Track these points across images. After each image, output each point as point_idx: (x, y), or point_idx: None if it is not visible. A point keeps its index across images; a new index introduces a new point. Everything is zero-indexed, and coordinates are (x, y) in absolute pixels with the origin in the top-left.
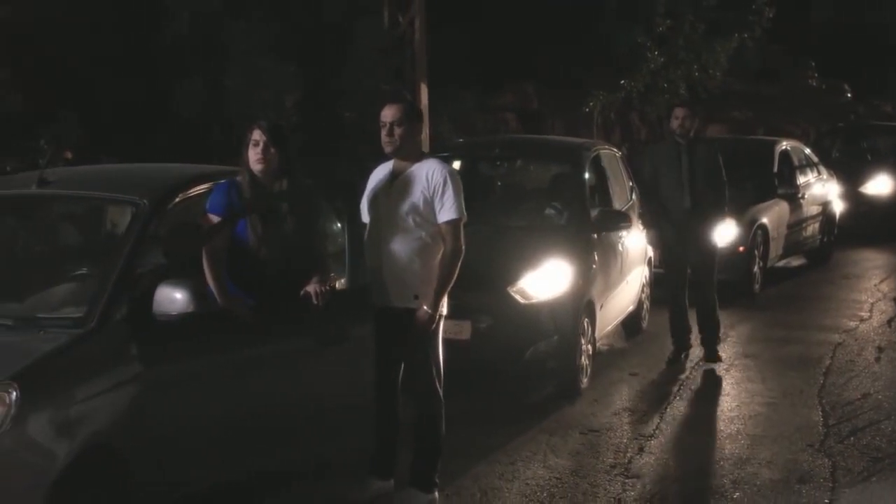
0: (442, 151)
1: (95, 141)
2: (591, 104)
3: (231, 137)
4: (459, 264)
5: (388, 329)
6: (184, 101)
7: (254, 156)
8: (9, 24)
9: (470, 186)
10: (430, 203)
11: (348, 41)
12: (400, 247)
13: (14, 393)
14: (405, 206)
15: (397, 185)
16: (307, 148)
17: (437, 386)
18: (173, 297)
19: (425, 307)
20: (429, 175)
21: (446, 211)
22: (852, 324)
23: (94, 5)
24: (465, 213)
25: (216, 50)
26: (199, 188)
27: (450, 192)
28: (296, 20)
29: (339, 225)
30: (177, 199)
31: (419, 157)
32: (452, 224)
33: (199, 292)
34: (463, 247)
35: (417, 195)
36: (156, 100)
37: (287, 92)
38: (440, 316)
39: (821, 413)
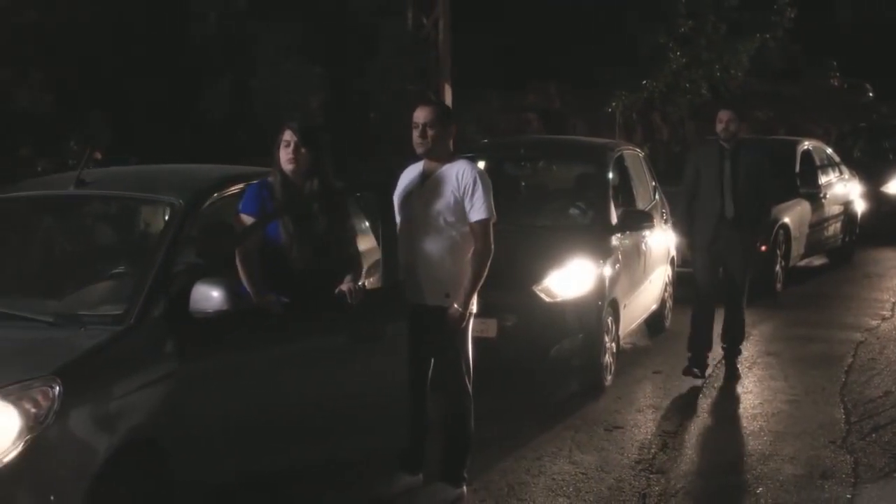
0: (467, 152)
1: (123, 141)
2: (613, 104)
3: (257, 138)
4: (489, 263)
5: (421, 326)
6: (211, 101)
7: (285, 156)
8: (39, 27)
9: (495, 187)
10: (460, 203)
11: (373, 42)
12: (431, 246)
13: (57, 388)
14: (436, 206)
15: (428, 185)
16: (332, 148)
17: (467, 383)
18: (209, 295)
19: (456, 305)
20: (459, 175)
21: (476, 211)
22: (874, 322)
23: (123, 7)
24: (494, 213)
25: (243, 51)
26: (233, 189)
27: (480, 193)
28: (321, 22)
29: (367, 224)
30: (212, 200)
31: (449, 157)
32: (482, 224)
33: (234, 291)
34: (492, 246)
35: (448, 195)
36: (183, 100)
37: (312, 93)
38: (470, 314)
39: (843, 410)
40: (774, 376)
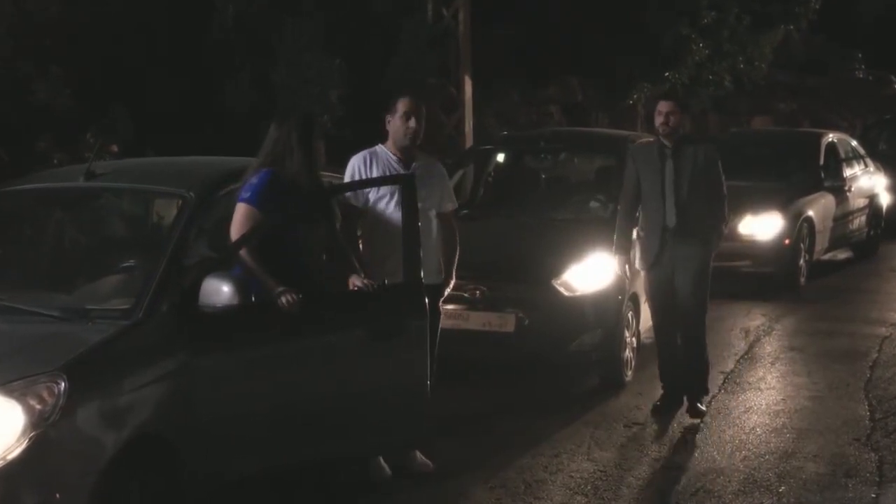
0: (486, 144)
1: (143, 136)
2: (635, 96)
3: None
4: None
5: None
6: (232, 96)
7: (308, 148)
8: (61, 21)
9: (515, 179)
10: (439, 193)
11: (393, 35)
12: (425, 233)
13: (63, 384)
14: (427, 197)
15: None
16: (353, 142)
17: None
18: (219, 290)
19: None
20: (435, 168)
21: (451, 201)
22: None
23: (144, 1)
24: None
25: (263, 45)
26: None
27: (449, 183)
28: (341, 15)
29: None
30: (224, 192)
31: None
32: (453, 211)
33: (244, 285)
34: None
35: (433, 186)
36: (204, 95)
37: (333, 87)
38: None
39: (867, 407)
40: (797, 372)
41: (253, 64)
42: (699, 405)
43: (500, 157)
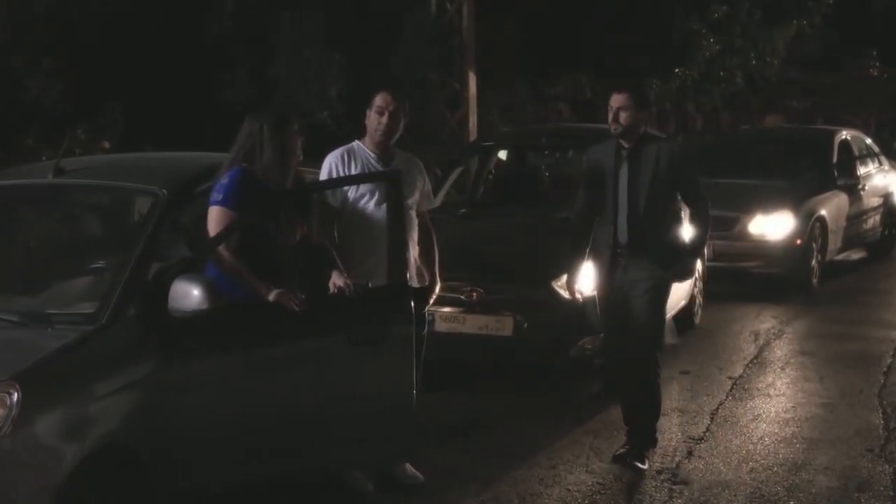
0: (487, 140)
1: (139, 132)
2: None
3: None
4: None
5: None
6: (230, 92)
7: (287, 146)
8: (52, 14)
9: (516, 176)
10: (418, 191)
11: (395, 31)
12: (410, 234)
13: (15, 394)
14: (411, 195)
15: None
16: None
17: None
18: (188, 293)
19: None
20: (416, 165)
21: (429, 200)
22: None
23: None
24: None
25: (262, 41)
26: None
27: (428, 182)
28: (342, 15)
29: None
30: (199, 189)
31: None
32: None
33: (215, 287)
34: None
35: (415, 184)
36: (202, 91)
37: (332, 82)
38: None
39: (881, 415)
40: (808, 377)
41: (252, 63)
42: (644, 451)
43: (502, 154)
